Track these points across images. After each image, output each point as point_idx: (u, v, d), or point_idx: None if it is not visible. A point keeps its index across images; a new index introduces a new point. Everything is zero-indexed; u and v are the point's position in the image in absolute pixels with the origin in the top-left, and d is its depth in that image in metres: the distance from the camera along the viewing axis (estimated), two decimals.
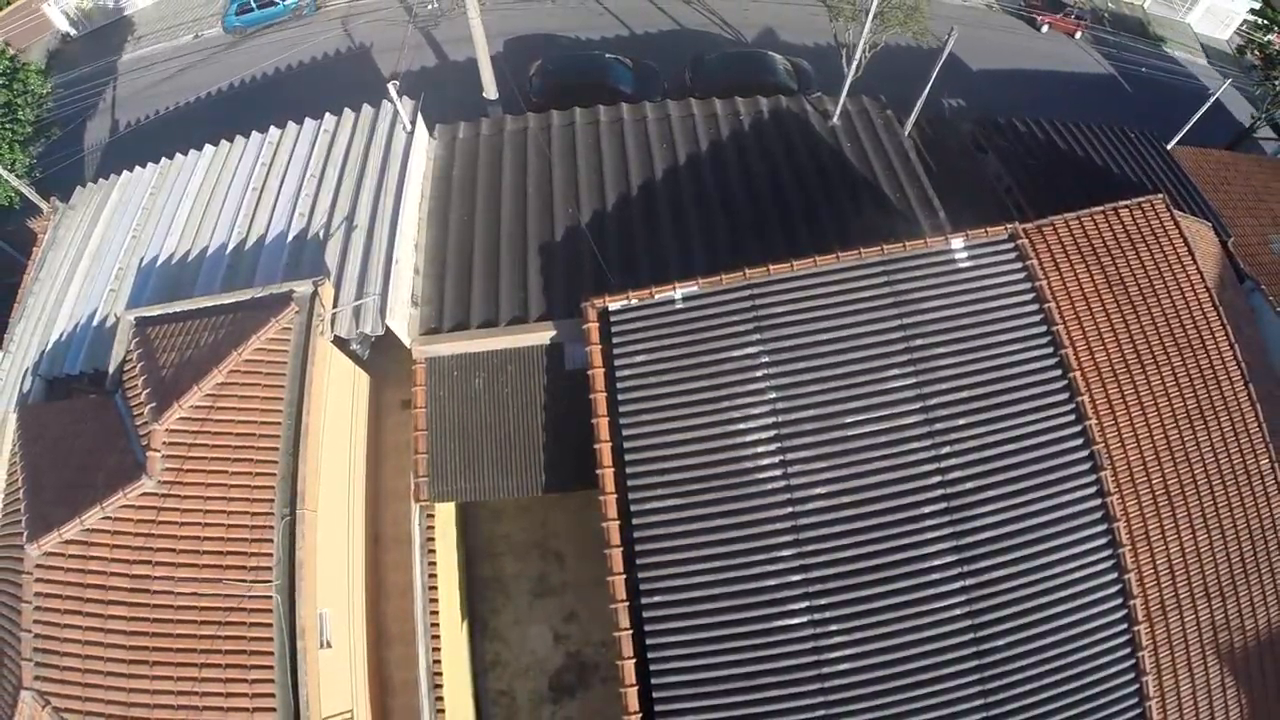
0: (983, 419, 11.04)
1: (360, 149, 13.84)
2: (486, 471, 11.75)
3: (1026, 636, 10.48)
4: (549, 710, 13.33)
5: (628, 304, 11.22)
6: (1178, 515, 13.10)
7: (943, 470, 10.73)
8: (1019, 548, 10.68)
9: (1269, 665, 12.94)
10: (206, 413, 10.42)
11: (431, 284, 12.91)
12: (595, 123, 14.67)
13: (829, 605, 10.19)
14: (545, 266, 12.91)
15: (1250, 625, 12.90)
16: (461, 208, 13.69)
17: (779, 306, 11.20)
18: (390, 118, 14.01)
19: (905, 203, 13.95)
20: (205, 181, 14.25)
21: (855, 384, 10.94)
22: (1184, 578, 12.82)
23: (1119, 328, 14.04)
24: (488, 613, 13.91)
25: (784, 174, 14.26)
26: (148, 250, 13.56)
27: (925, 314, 11.48)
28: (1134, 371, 13.80)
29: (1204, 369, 14.00)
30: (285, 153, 14.25)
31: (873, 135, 15.15)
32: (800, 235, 13.14)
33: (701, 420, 10.74)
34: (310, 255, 12.79)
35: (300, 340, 11.23)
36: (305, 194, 13.58)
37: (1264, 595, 13.11)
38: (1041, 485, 10.98)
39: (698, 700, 10.01)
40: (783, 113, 15.24)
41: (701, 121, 14.82)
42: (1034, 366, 11.56)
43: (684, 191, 13.91)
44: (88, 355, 12.62)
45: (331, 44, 22.79)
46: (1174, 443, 13.52)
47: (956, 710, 10.12)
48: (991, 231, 12.23)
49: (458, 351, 12.24)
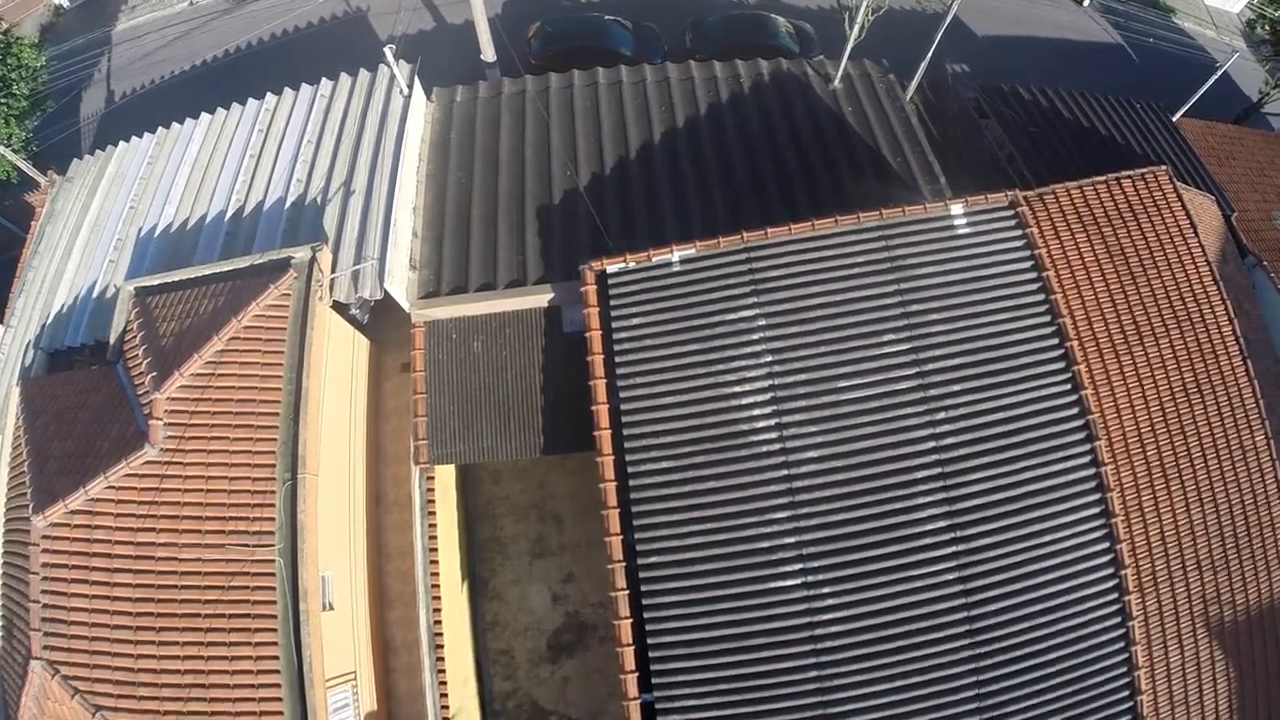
0: (978, 386, 11.06)
1: (357, 114, 13.70)
2: (485, 434, 11.79)
3: (1017, 603, 10.60)
4: (548, 669, 13.54)
5: (625, 267, 11.17)
6: (1171, 488, 13.14)
7: (937, 436, 10.77)
8: (1011, 515, 10.76)
9: (1258, 639, 13.07)
10: (207, 380, 10.48)
11: (429, 248, 12.84)
12: (594, 85, 14.47)
13: (822, 567, 10.30)
14: (543, 230, 12.83)
15: (1241, 600, 13.00)
16: (459, 171, 13.56)
17: (776, 270, 11.15)
18: (387, 82, 13.84)
19: (905, 168, 13.80)
20: (203, 150, 14.13)
21: (851, 348, 10.94)
22: (1175, 550, 12.89)
23: (1118, 299, 13.96)
24: (487, 573, 14.06)
25: (783, 137, 14.09)
26: (146, 220, 13.50)
27: (922, 280, 11.43)
28: (1131, 343, 13.75)
29: (1202, 343, 13.94)
30: (282, 119, 14.12)
31: (874, 100, 14.95)
32: (799, 199, 13.03)
33: (698, 383, 10.76)
34: (308, 221, 12.72)
35: (299, 306, 11.24)
36: (303, 160, 13.48)
37: (1255, 570, 13.20)
38: (1035, 453, 11.03)
39: (693, 659, 10.17)
40: (783, 76, 15.02)
41: (701, 84, 14.62)
42: (1031, 335, 11.55)
43: (682, 155, 13.76)
44: (88, 327, 12.61)
45: (329, 8, 22.39)
46: (1169, 416, 13.52)
47: (947, 673, 10.27)
48: (991, 198, 12.15)
49: (456, 315, 12.22)
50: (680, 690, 10.12)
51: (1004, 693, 10.33)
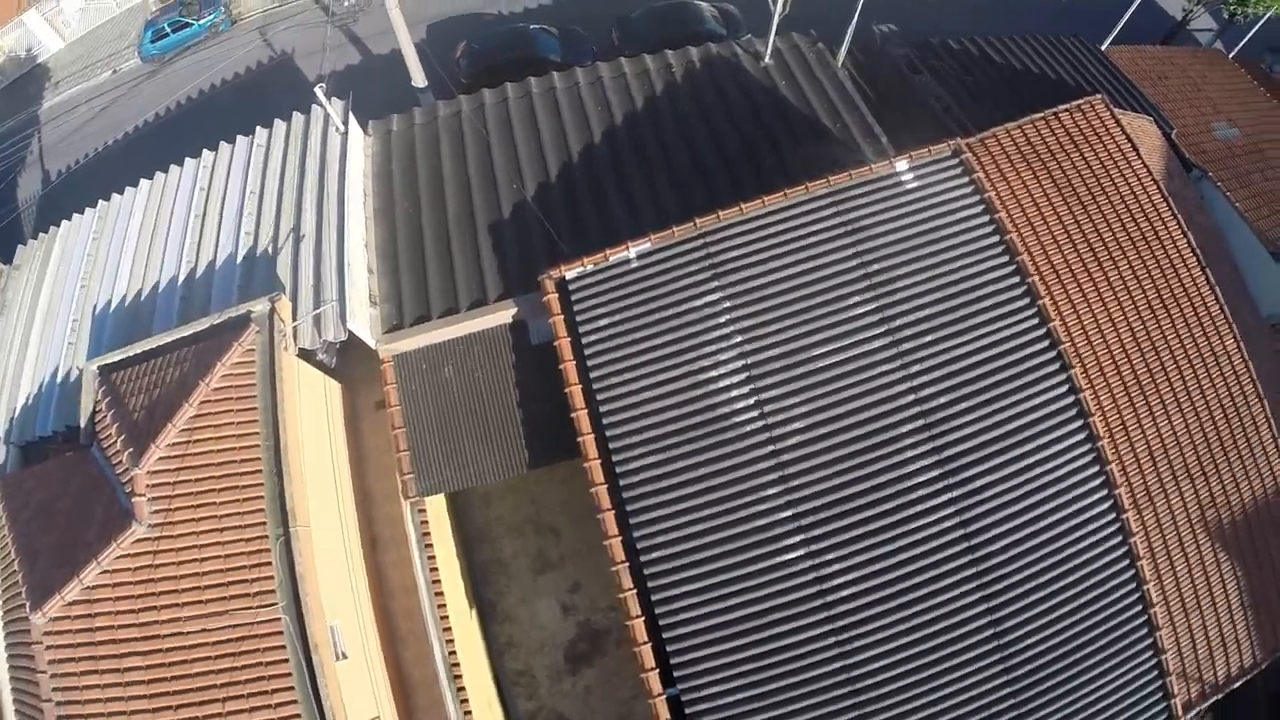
0: (948, 333, 11.20)
1: (296, 158, 13.60)
2: (470, 458, 11.76)
3: (1019, 538, 10.75)
4: (569, 681, 13.52)
5: (584, 270, 11.19)
6: (1150, 403, 13.41)
7: (915, 389, 10.89)
8: (999, 453, 10.91)
9: (1258, 534, 13.36)
10: (185, 448, 10.36)
11: (387, 281, 12.79)
12: (528, 95, 14.48)
13: (822, 535, 10.38)
14: (497, 246, 12.82)
15: (1235, 500, 13.28)
16: (406, 201, 13.52)
17: (734, 251, 11.23)
18: (322, 122, 13.76)
19: (847, 133, 13.95)
20: (146, 218, 13.97)
21: (818, 316, 11.04)
22: (1164, 462, 13.15)
23: (1072, 229, 14.21)
24: (494, 596, 14.02)
25: (722, 120, 14.18)
26: (99, 297, 13.33)
27: (879, 238, 11.56)
28: (1091, 270, 14.01)
29: (1160, 260, 14.24)
30: (221, 174, 14.00)
31: (807, 71, 15.09)
32: (746, 179, 13.11)
33: (673, 373, 10.81)
34: (262, 272, 12.61)
35: (265, 360, 11.16)
36: (248, 212, 13.37)
37: (1245, 469, 13.49)
38: (1014, 390, 11.18)
39: (711, 646, 10.20)
40: (714, 60, 15.12)
41: (634, 80, 14.68)
42: (992, 276, 11.71)
43: (625, 152, 13.80)
44: (57, 413, 12.41)
45: (253, 56, 22.26)
46: (1139, 334, 13.79)
47: (962, 616, 10.39)
48: (934, 150, 12.30)
49: (423, 344, 12.18)
50: (703, 679, 10.16)
51: (1020, 627, 10.48)
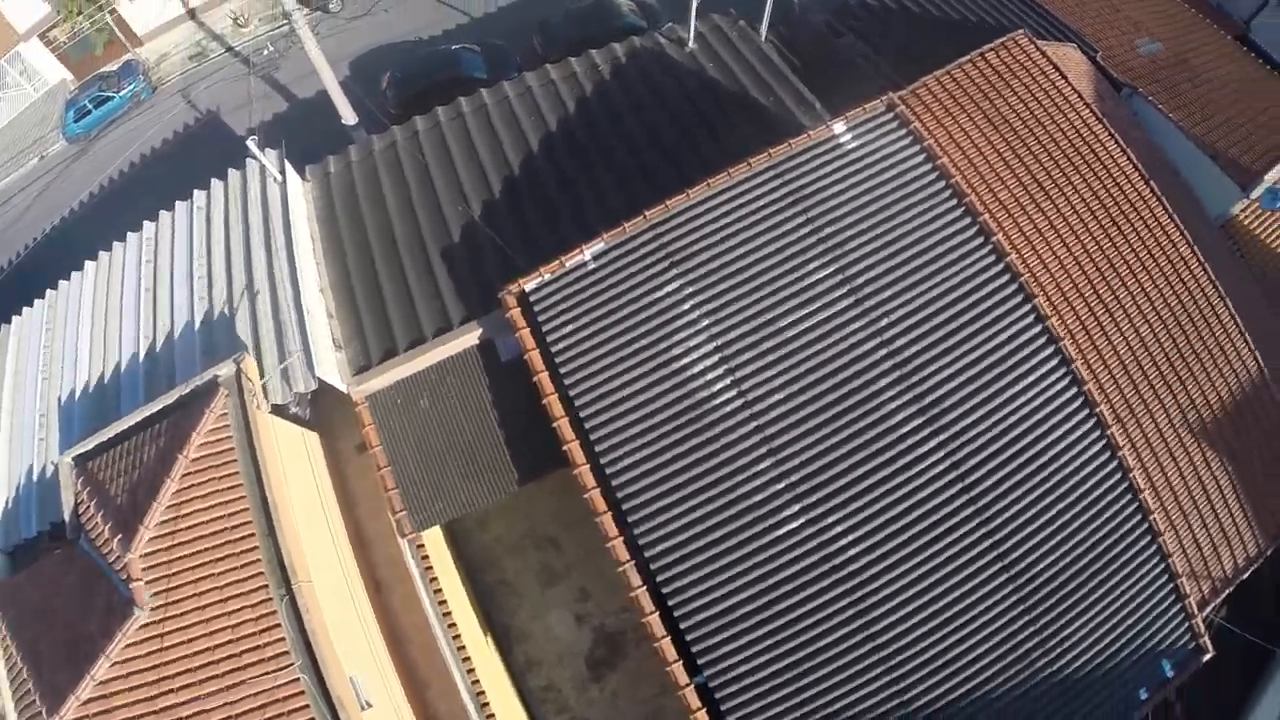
0: (909, 283, 11.35)
1: (238, 214, 13.48)
2: (459, 486, 11.72)
3: (1011, 470, 10.91)
4: (595, 689, 13.53)
5: (543, 280, 11.20)
6: (1117, 319, 13.68)
7: (886, 342, 11.03)
8: (978, 391, 11.07)
9: (1241, 430, 13.67)
10: (173, 524, 10.22)
11: (348, 322, 12.71)
12: (460, 116, 14.45)
13: (819, 501, 10.49)
14: (453, 271, 12.78)
15: (1213, 398, 13.59)
16: (354, 239, 13.44)
17: (687, 237, 11.29)
18: (259, 174, 13.66)
19: (780, 105, 14.08)
20: (96, 300, 13.76)
21: (781, 287, 11.13)
22: (1139, 374, 13.43)
23: (1014, 164, 14.45)
24: (505, 617, 14.00)
25: (657, 112, 14.26)
26: (62, 387, 13.11)
27: (827, 202, 11.68)
28: (1039, 200, 14.26)
29: (1104, 180, 14.52)
30: (166, 244, 13.82)
31: (732, 50, 15.21)
32: (690, 166, 13.17)
33: (647, 367, 10.85)
34: (223, 335, 12.49)
35: (240, 422, 11.05)
36: (199, 277, 13.21)
37: (1218, 368, 13.81)
38: (982, 328, 11.35)
39: (730, 628, 10.26)
40: (639, 53, 15.18)
41: (562, 85, 14.70)
42: (943, 221, 11.86)
43: (566, 157, 13.83)
44: (39, 513, 12.17)
45: (179, 119, 22.00)
46: (1095, 255, 14.06)
47: (968, 556, 10.53)
48: (869, 108, 12.43)
49: (395, 379, 12.12)
50: (728, 661, 10.22)
51: (1026, 555, 10.65)
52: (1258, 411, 13.83)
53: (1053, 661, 10.59)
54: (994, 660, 10.43)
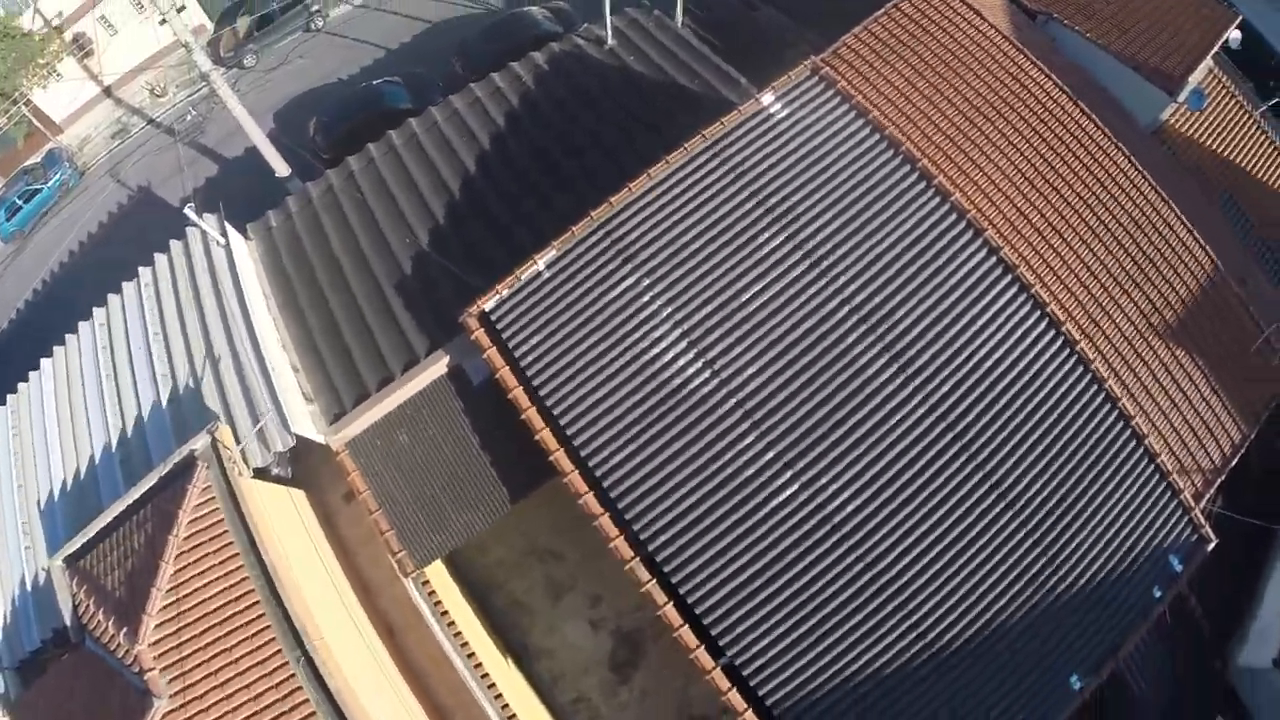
0: (860, 237, 11.55)
1: (187, 285, 13.38)
2: (453, 516, 11.72)
3: (990, 401, 11.15)
4: (624, 692, 13.59)
5: (501, 298, 11.23)
6: (1068, 240, 13.93)
7: (848, 299, 11.21)
8: (945, 330, 11.30)
9: (1204, 323, 13.99)
10: (177, 607, 10.09)
11: (315, 373, 12.65)
12: (391, 150, 14.42)
13: (809, 464, 10.63)
14: (410, 304, 12.79)
15: (1172, 297, 13.89)
16: (307, 289, 13.38)
17: (636, 230, 11.38)
18: (201, 241, 13.56)
19: (707, 86, 14.20)
20: (60, 396, 13.56)
21: (736, 264, 11.27)
22: (1098, 287, 13.68)
23: (944, 107, 14.68)
24: (522, 637, 14.01)
25: (585, 113, 14.34)
26: (39, 491, 12.91)
27: (769, 173, 11.83)
28: (974, 138, 14.50)
29: (1032, 107, 14.80)
30: (119, 327, 13.67)
31: (651, 40, 15.31)
32: (627, 161, 13.21)
33: (617, 365, 10.92)
34: (192, 408, 12.38)
35: (224, 491, 10.96)
36: (158, 355, 13.11)
37: (1171, 268, 14.11)
38: (938, 269, 11.57)
39: (744, 605, 10.36)
40: (560, 58, 15.24)
41: (489, 102, 14.71)
42: (884, 173, 12.06)
43: (503, 173, 13.86)
44: (39, 622, 11.96)
45: (113, 199, 21.69)
46: (1036, 181, 14.30)
47: (963, 493, 10.74)
48: (794, 74, 12.60)
49: (371, 422, 12.09)
50: (748, 637, 10.32)
51: (1019, 482, 10.90)
52: (1218, 304, 14.19)
53: (1064, 578, 10.83)
54: (1006, 587, 10.65)
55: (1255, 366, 14.09)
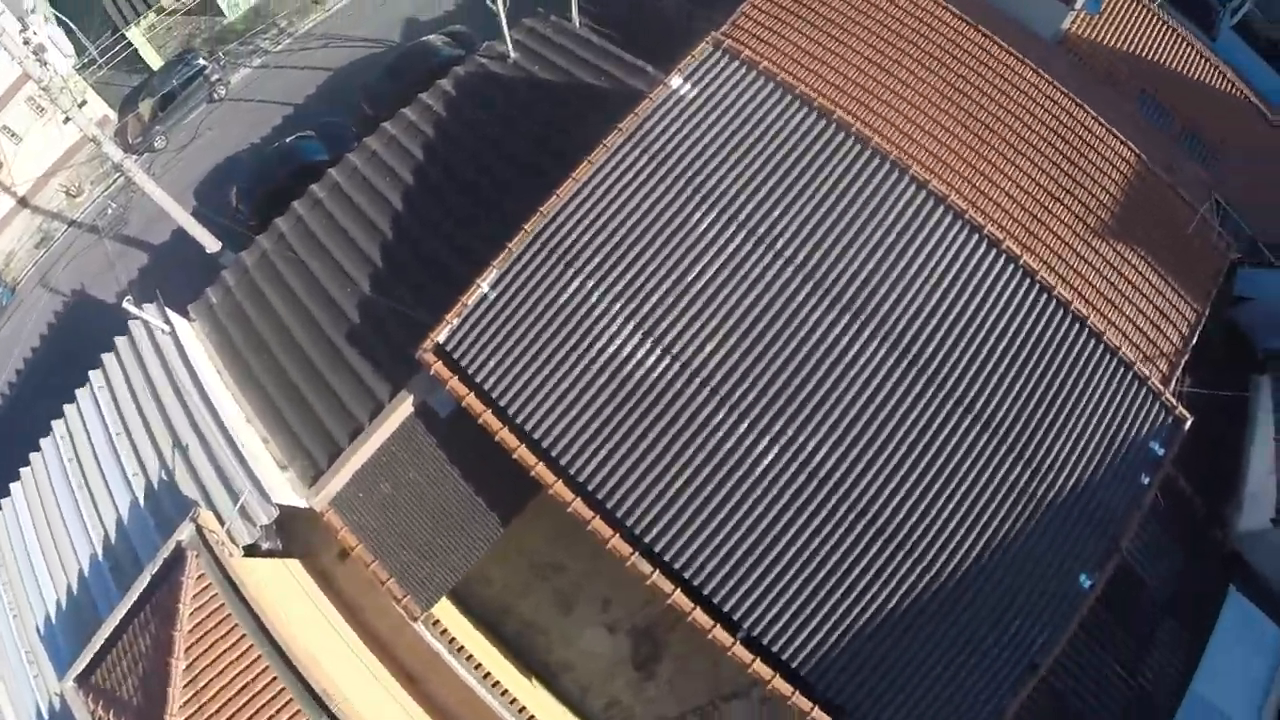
0: (790, 198, 11.86)
1: (140, 379, 13.40)
2: (448, 551, 11.89)
3: (945, 331, 11.50)
4: (652, 687, 13.85)
5: (452, 327, 11.39)
6: (993, 161, 14.26)
7: (789, 260, 11.52)
8: (889, 270, 11.66)
9: (1136, 214, 14.43)
10: (196, 700, 10.14)
11: (285, 440, 12.73)
12: (317, 204, 14.47)
13: (783, 427, 10.94)
14: (365, 351, 12.92)
15: (1103, 196, 14.31)
16: (261, 359, 13.44)
17: (572, 234, 11.59)
18: (145, 332, 13.58)
19: (615, 80, 14.44)
20: (35, 518, 13.49)
21: (674, 248, 11.52)
22: (1031, 201, 14.01)
23: (848, 56, 14.97)
24: (542, 655, 14.15)
25: (502, 131, 14.53)
26: (35, 616, 12.85)
27: (690, 153, 12.08)
28: (882, 80, 14.81)
29: (935, 41, 15.18)
30: (81, 436, 13.64)
31: (552, 45, 15.52)
32: (552, 169, 13.30)
33: (578, 370, 11.13)
34: (170, 500, 12.43)
35: (220, 576, 11.04)
36: (125, 455, 13.11)
37: (1096, 168, 14.53)
38: (870, 213, 11.93)
39: (750, 576, 10.61)
40: (466, 81, 15.39)
41: (404, 137, 14.83)
42: (802, 131, 12.38)
43: (431, 205, 14.03)
44: None
45: (48, 309, 21.39)
46: (951, 111, 14.63)
47: (939, 422, 11.09)
48: (697, 52, 12.86)
49: (349, 476, 12.19)
50: (760, 607, 10.58)
51: (989, 403, 11.28)
52: (1149, 194, 14.63)
53: (1051, 484, 11.20)
54: (998, 505, 11.00)
55: (1196, 246, 14.60)
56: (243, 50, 23.17)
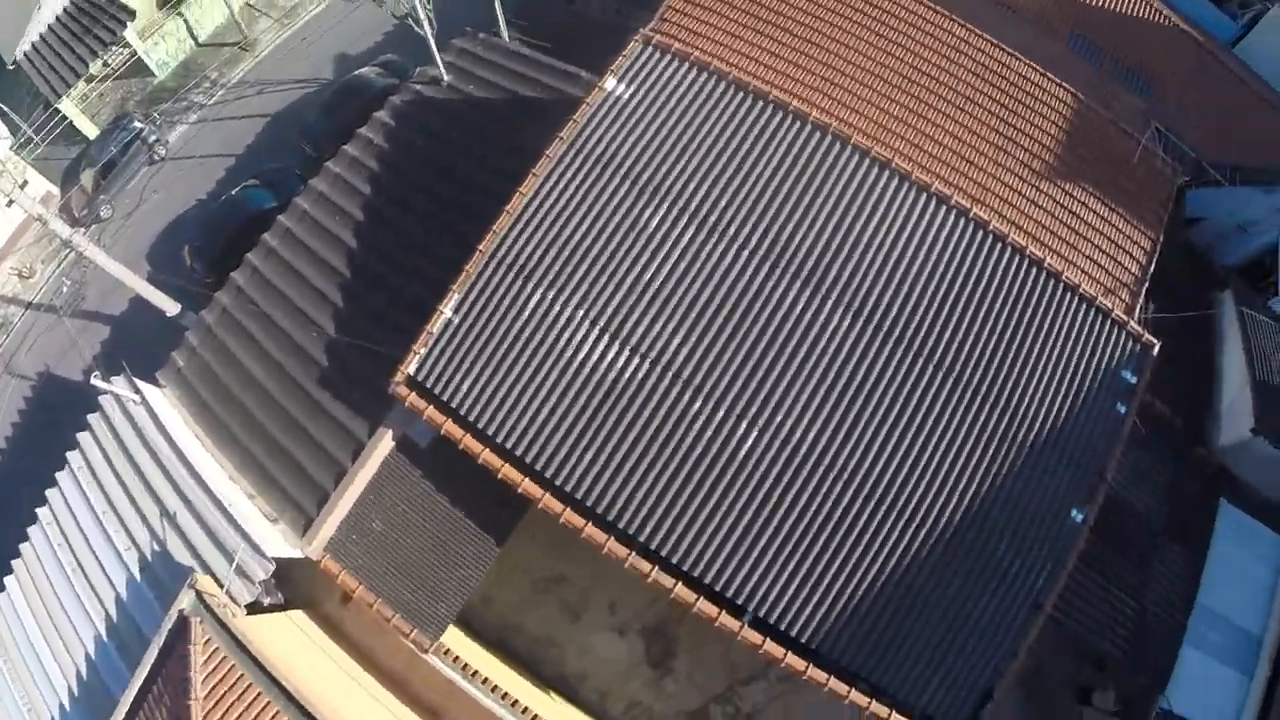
0: (737, 184, 12.08)
1: (119, 453, 13.44)
2: (449, 579, 12.06)
3: (906, 290, 11.79)
4: (670, 682, 14.09)
5: (420, 357, 11.52)
6: (931, 118, 14.58)
7: (744, 244, 11.75)
8: (843, 241, 11.90)
9: (1078, 149, 14.77)
10: None
11: (272, 493, 12.83)
12: (271, 253, 14.54)
13: (760, 409, 11.17)
14: (337, 393, 13.05)
15: (1043, 136, 14.67)
16: (235, 416, 13.52)
17: (527, 248, 11.74)
18: (118, 406, 13.60)
19: (550, 89, 14.58)
20: (34, 608, 13.47)
21: (629, 248, 11.69)
22: (974, 153, 14.38)
23: (779, 35, 15.23)
24: (557, 668, 14.32)
25: (445, 154, 14.66)
26: (48, 706, 12.82)
27: (632, 153, 12.23)
28: (813, 54, 15.07)
29: (862, 8, 15.43)
30: (68, 520, 13.65)
31: (484, 63, 15.67)
32: (500, 186, 13.31)
33: (551, 382, 11.29)
34: (166, 570, 12.48)
35: (227, 639, 11.14)
36: (114, 532, 13.14)
37: (1032, 109, 14.84)
38: (818, 186, 12.16)
39: (747, 560, 10.88)
40: (403, 110, 15.51)
41: (349, 174, 14.93)
42: (740, 115, 12.56)
43: (385, 235, 14.19)
44: None
45: (17, 394, 21.12)
46: (884, 74, 14.94)
47: (911, 381, 11.38)
48: (628, 52, 13.01)
49: (340, 519, 12.31)
50: (761, 588, 10.83)
51: (958, 354, 11.59)
52: (1090, 130, 14.98)
53: (1029, 426, 11.49)
54: (980, 454, 11.29)
55: (1142, 175, 14.94)
56: (177, 108, 23.09)
